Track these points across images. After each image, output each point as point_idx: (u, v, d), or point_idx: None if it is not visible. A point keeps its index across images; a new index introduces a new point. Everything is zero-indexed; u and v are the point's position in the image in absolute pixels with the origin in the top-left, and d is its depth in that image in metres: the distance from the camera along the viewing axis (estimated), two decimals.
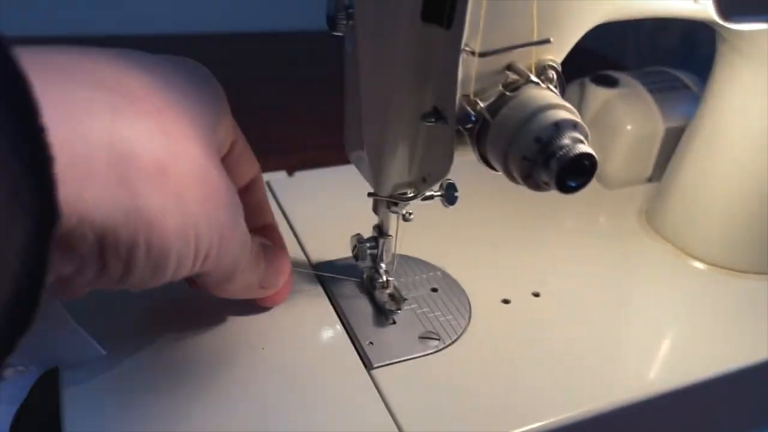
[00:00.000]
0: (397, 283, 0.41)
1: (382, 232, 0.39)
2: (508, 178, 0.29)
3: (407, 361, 0.36)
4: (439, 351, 0.37)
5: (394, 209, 0.37)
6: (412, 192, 0.35)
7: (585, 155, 0.26)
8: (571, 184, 0.27)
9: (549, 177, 0.26)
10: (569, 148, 0.26)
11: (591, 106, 0.55)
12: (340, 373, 0.35)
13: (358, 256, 0.40)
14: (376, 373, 0.35)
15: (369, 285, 0.41)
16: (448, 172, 0.31)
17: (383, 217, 0.39)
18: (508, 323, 0.40)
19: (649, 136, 0.53)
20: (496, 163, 0.29)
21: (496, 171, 0.30)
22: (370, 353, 0.36)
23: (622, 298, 0.43)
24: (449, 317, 0.39)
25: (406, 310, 0.39)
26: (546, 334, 0.39)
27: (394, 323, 0.39)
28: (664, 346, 0.40)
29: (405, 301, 0.39)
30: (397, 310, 0.39)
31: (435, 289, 0.42)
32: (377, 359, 0.36)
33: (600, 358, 0.38)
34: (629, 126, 0.53)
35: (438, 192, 0.37)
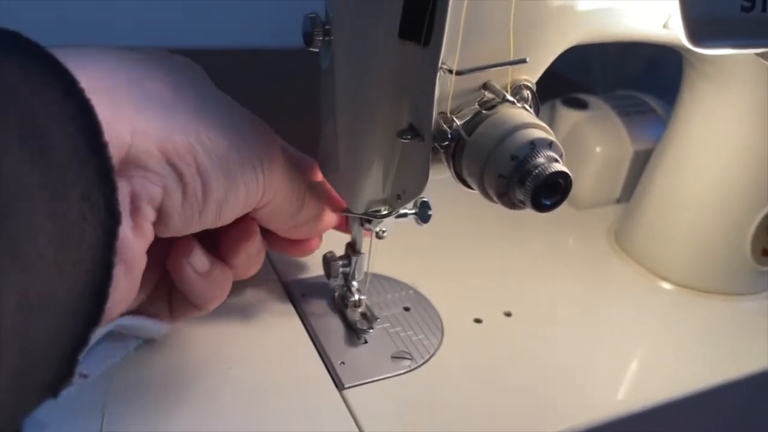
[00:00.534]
0: (369, 302, 0.40)
1: (354, 250, 0.39)
2: (484, 196, 0.29)
3: (379, 381, 0.36)
4: (411, 371, 0.37)
5: (368, 227, 0.36)
6: (386, 209, 0.35)
7: (560, 174, 0.26)
8: (545, 202, 0.27)
9: (524, 195, 0.26)
10: (544, 166, 0.26)
11: (561, 128, 0.56)
12: (311, 394, 0.35)
13: (330, 274, 0.39)
14: (348, 393, 0.35)
15: (341, 303, 0.40)
16: (423, 190, 0.30)
17: (356, 234, 0.38)
18: (480, 343, 0.40)
19: (618, 158, 0.54)
20: (472, 181, 0.29)
21: (471, 189, 0.30)
22: (342, 373, 0.36)
23: (592, 318, 0.43)
24: (421, 336, 0.39)
25: (378, 329, 0.39)
26: (517, 354, 0.39)
27: (365, 342, 0.38)
28: (633, 367, 0.40)
29: (377, 320, 0.39)
30: (368, 329, 0.38)
31: (407, 308, 0.41)
32: (349, 379, 0.35)
33: (570, 379, 0.38)
34: (599, 148, 0.53)
35: (412, 210, 0.37)
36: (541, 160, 0.26)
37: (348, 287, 0.40)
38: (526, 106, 0.29)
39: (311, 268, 0.43)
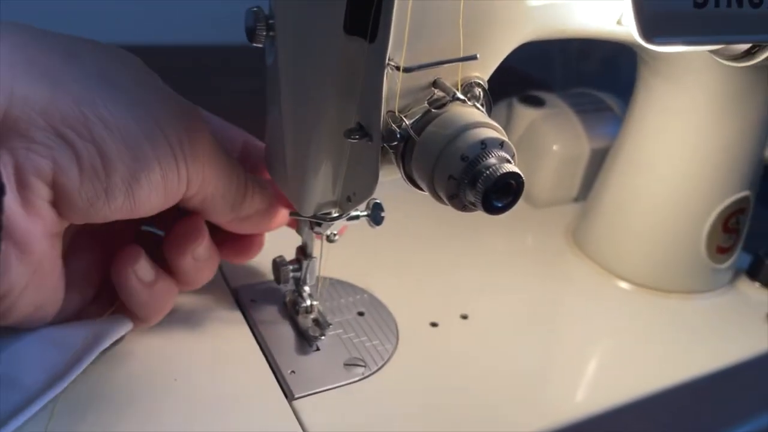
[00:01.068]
0: (322, 308, 0.39)
1: (305, 254, 0.38)
2: (434, 198, 0.27)
3: (331, 390, 0.34)
4: (365, 378, 0.35)
5: (318, 230, 0.35)
6: (337, 212, 0.34)
7: (511, 174, 0.25)
8: (497, 204, 0.26)
9: (475, 197, 0.25)
10: (496, 167, 0.25)
11: (518, 126, 0.55)
12: (259, 405, 0.33)
13: (280, 279, 0.38)
14: (298, 403, 0.33)
15: (291, 310, 0.39)
16: (373, 191, 0.29)
17: (306, 237, 0.37)
18: (437, 347, 0.39)
19: (575, 156, 0.54)
20: (422, 183, 0.27)
21: (422, 191, 0.28)
22: (292, 383, 0.34)
23: (550, 319, 0.43)
24: (376, 342, 0.38)
25: (330, 336, 0.38)
26: (475, 357, 0.38)
27: (317, 350, 0.37)
28: (590, 369, 0.39)
29: (329, 326, 0.38)
30: (320, 335, 0.37)
31: (361, 313, 0.40)
32: (299, 389, 0.34)
33: (528, 382, 0.37)
34: (556, 146, 0.53)
35: (364, 212, 0.36)
36: (492, 160, 0.25)
37: (299, 292, 0.39)
38: (478, 105, 0.28)
39: (261, 272, 0.41)
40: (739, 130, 0.41)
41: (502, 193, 0.26)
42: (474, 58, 0.27)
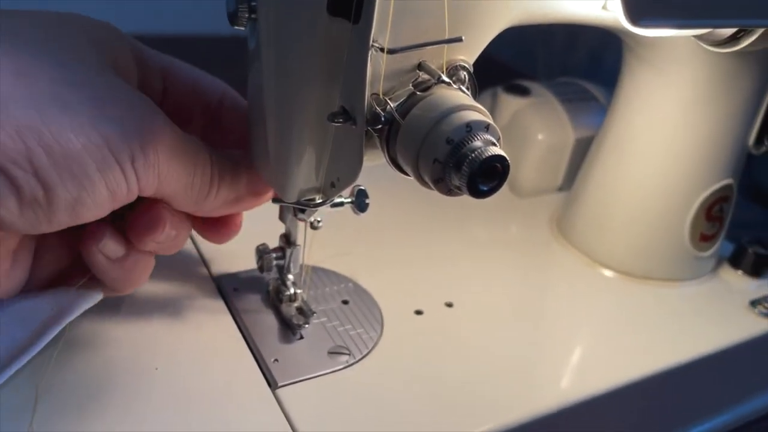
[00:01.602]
0: (306, 296, 0.39)
1: (289, 242, 0.37)
2: (420, 183, 0.27)
3: (315, 378, 0.34)
4: (349, 366, 0.35)
5: (302, 217, 0.35)
6: (320, 198, 0.33)
7: (497, 158, 0.25)
8: (482, 188, 0.25)
9: (460, 181, 0.25)
10: (481, 150, 0.25)
11: (503, 115, 0.55)
12: (242, 394, 0.33)
13: (264, 268, 0.37)
14: (281, 392, 0.33)
15: (275, 298, 0.38)
16: (357, 177, 0.29)
17: (290, 225, 0.37)
18: (422, 335, 0.38)
19: (560, 145, 0.54)
20: (407, 167, 0.27)
21: (407, 175, 0.28)
22: (275, 371, 0.34)
23: (534, 307, 0.43)
24: (360, 330, 0.38)
25: (314, 324, 0.37)
26: (460, 345, 0.38)
27: (301, 338, 0.36)
28: (575, 356, 0.39)
29: (313, 315, 0.37)
30: (304, 324, 0.37)
31: (346, 302, 0.40)
32: (282, 377, 0.33)
33: (513, 369, 0.37)
34: (540, 135, 0.53)
35: (348, 199, 0.35)
36: (477, 143, 0.25)
37: (283, 281, 0.38)
38: (463, 88, 0.28)
39: (244, 261, 0.41)
40: (723, 118, 0.41)
41: (487, 176, 0.25)
42: (459, 40, 0.27)
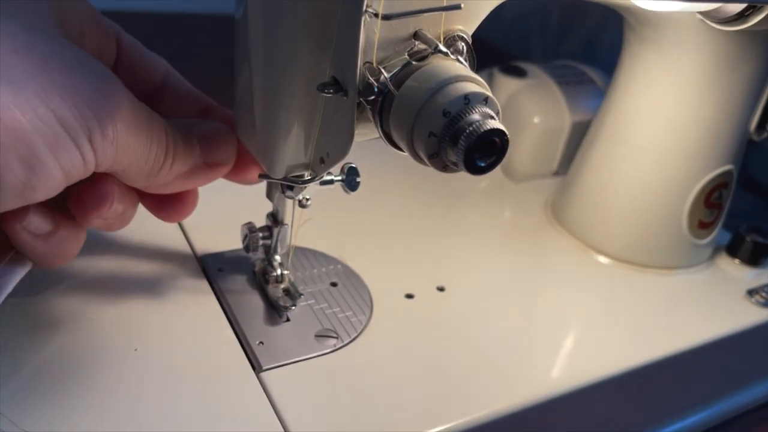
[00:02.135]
0: (293, 278, 0.37)
1: (276, 221, 0.36)
2: (414, 158, 0.26)
3: (301, 362, 0.33)
4: (337, 350, 0.34)
5: (290, 194, 0.33)
6: (309, 175, 0.32)
7: (496, 132, 0.24)
8: (480, 163, 0.24)
9: (456, 156, 0.24)
10: (479, 123, 0.24)
11: (498, 97, 0.53)
12: (225, 376, 0.31)
13: (250, 247, 0.36)
14: (266, 375, 0.32)
15: (261, 279, 0.37)
16: (348, 152, 0.27)
17: (278, 203, 0.35)
18: (412, 319, 0.37)
19: (556, 129, 0.52)
20: (401, 141, 0.26)
21: (400, 151, 0.27)
22: (260, 354, 0.33)
23: (528, 293, 0.42)
24: (349, 313, 0.36)
25: (302, 307, 0.36)
26: (451, 331, 0.37)
27: (288, 321, 0.35)
28: (568, 344, 0.38)
29: (301, 297, 0.36)
30: (291, 306, 0.35)
31: (335, 284, 0.38)
32: (267, 360, 0.32)
33: (505, 356, 0.36)
34: (537, 119, 0.52)
35: (338, 177, 0.34)
36: (475, 116, 0.24)
37: (269, 261, 0.37)
38: (461, 59, 0.26)
39: (229, 240, 0.39)
40: (726, 101, 0.40)
41: (485, 151, 0.24)
42: (458, 7, 0.25)
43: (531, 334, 0.38)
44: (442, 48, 0.25)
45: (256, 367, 0.32)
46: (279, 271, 0.37)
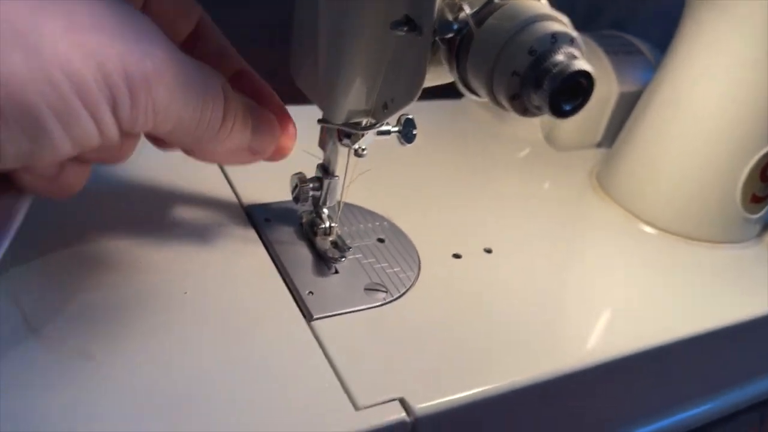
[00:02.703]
0: (340, 232, 0.37)
1: (327, 172, 0.35)
2: (492, 101, 0.25)
3: (351, 314, 0.32)
4: (386, 304, 0.33)
5: (346, 143, 0.32)
6: (369, 122, 0.31)
7: (583, 73, 0.23)
8: (565, 107, 0.23)
9: (541, 98, 0.23)
10: (565, 64, 0.23)
11: None
12: (276, 324, 0.31)
13: (299, 198, 0.35)
14: (317, 324, 0.31)
15: (309, 231, 0.36)
16: (415, 97, 0.27)
17: (330, 153, 0.34)
18: (459, 279, 0.37)
19: (603, 99, 0.51)
20: (479, 83, 0.25)
21: (475, 96, 0.26)
22: (310, 303, 0.32)
23: (573, 259, 0.41)
24: (397, 269, 0.36)
25: (349, 260, 0.35)
26: (497, 293, 0.36)
27: (336, 273, 0.35)
28: (608, 313, 0.37)
29: (349, 250, 0.35)
30: (341, 258, 0.35)
31: (381, 240, 0.38)
32: (318, 309, 0.32)
33: (549, 323, 0.35)
34: None
35: (395, 128, 0.33)
36: (561, 57, 0.23)
37: (317, 213, 0.36)
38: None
39: (275, 191, 0.39)
40: None
41: (570, 94, 0.23)
42: None
43: (575, 302, 0.37)
44: None
45: (307, 315, 0.32)
46: (327, 224, 0.36)
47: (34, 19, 0.19)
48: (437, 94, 0.30)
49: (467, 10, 0.24)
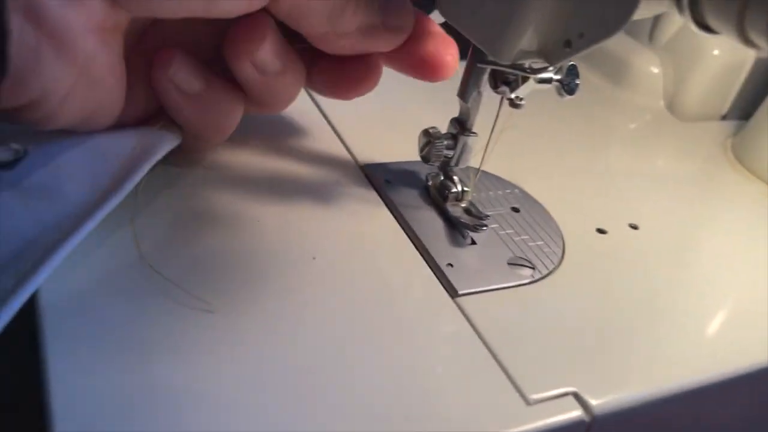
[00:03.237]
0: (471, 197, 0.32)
1: (463, 127, 0.30)
2: (738, 39, 0.20)
3: (497, 291, 0.28)
4: (534, 282, 0.29)
5: (502, 89, 0.28)
6: (537, 64, 0.26)
7: None
8: None
9: None
10: None
11: (667, 24, 0.47)
12: (416, 296, 0.27)
13: (429, 157, 0.31)
14: (463, 301, 0.27)
15: (437, 195, 0.32)
16: (620, 28, 0.22)
17: (472, 104, 0.30)
18: (607, 256, 0.32)
19: (736, 65, 0.46)
20: (723, 15, 0.20)
21: (706, 32, 0.21)
22: (452, 277, 0.27)
23: (719, 239, 0.36)
24: (540, 243, 0.31)
25: (485, 230, 0.31)
26: (649, 273, 0.31)
27: (473, 243, 0.30)
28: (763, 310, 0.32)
29: (488, 218, 0.31)
30: (481, 227, 0.30)
31: (516, 209, 0.33)
32: (462, 284, 0.27)
33: (719, 313, 0.30)
34: (716, 51, 0.45)
35: (557, 75, 0.28)
36: None
37: (448, 176, 0.32)
38: None
39: (391, 151, 0.34)
40: None
41: None
42: None
43: (737, 290, 0.32)
44: None
45: (450, 291, 0.27)
46: (459, 188, 0.31)
47: None
48: None
49: None
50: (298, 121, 0.29)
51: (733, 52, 0.45)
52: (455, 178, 0.31)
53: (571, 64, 0.28)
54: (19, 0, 0.20)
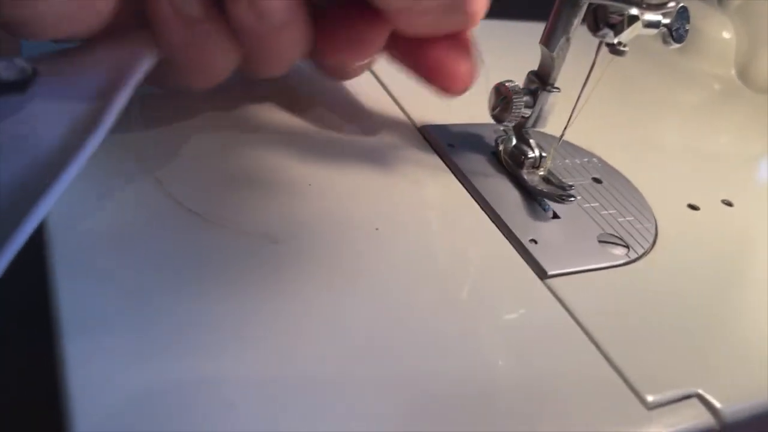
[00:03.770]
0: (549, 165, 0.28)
1: (544, 81, 0.26)
2: None
3: (589, 273, 0.24)
4: (629, 263, 0.25)
5: (603, 32, 0.23)
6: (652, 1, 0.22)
7: None
8: None
9: None
10: None
11: None
12: (500, 276, 0.22)
13: (503, 117, 0.26)
14: (553, 283, 0.22)
15: (510, 161, 0.28)
16: None
17: (558, 53, 0.25)
18: (702, 235, 0.28)
19: None
20: None
21: None
22: (539, 256, 0.23)
23: None
24: (630, 218, 0.27)
25: (568, 203, 0.26)
26: (755, 255, 0.27)
27: (556, 217, 0.26)
28: None
29: (571, 188, 0.26)
30: (569, 198, 0.26)
31: (598, 180, 0.29)
32: (551, 265, 0.23)
33: None
34: None
35: (666, 20, 0.24)
36: None
37: (523, 139, 0.27)
38: None
39: (451, 111, 0.30)
40: None
41: None
42: None
43: None
44: None
45: (538, 271, 0.23)
46: (537, 153, 0.27)
47: None
48: None
49: None
50: (354, 84, 0.25)
51: None
52: (531, 141, 0.27)
53: (682, 6, 0.24)
54: None
